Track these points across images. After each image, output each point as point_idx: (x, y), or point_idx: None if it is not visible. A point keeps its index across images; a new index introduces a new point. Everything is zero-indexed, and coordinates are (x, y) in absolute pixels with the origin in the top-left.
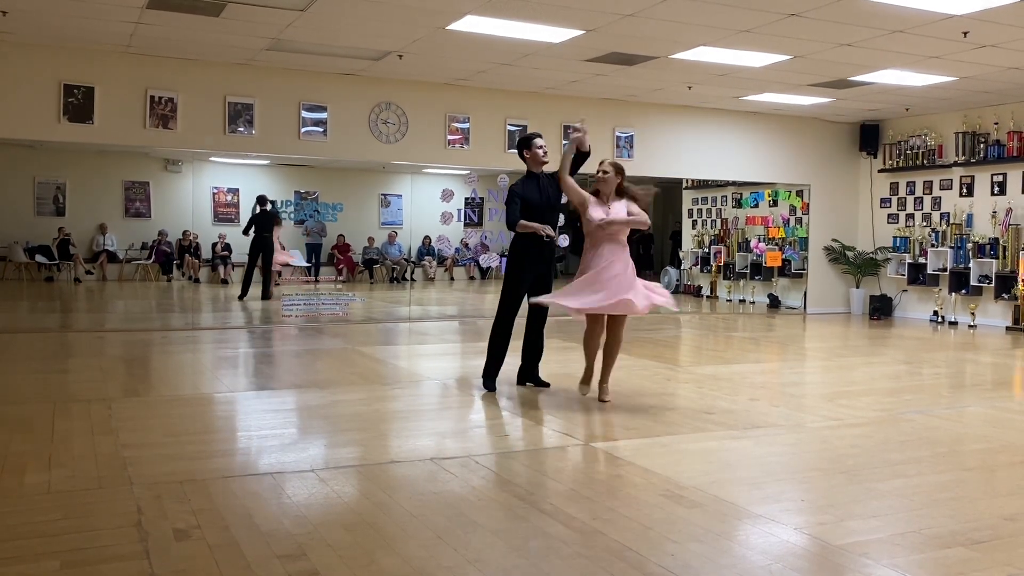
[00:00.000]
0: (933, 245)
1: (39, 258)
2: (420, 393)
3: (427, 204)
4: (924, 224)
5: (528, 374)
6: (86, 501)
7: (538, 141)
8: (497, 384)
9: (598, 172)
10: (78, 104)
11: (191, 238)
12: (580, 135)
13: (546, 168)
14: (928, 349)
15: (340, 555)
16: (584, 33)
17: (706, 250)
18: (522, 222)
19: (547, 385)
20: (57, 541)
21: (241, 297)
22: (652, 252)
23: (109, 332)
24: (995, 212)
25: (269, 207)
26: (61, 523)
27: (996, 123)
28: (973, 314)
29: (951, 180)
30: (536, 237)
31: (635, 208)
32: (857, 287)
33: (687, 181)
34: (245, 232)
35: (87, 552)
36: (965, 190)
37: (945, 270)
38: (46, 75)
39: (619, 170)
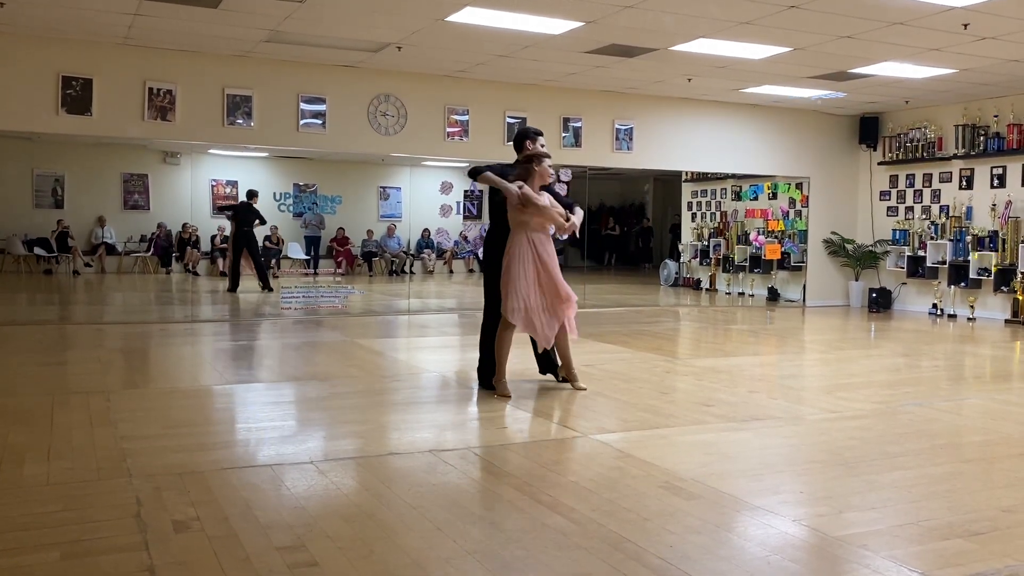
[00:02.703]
0: (932, 238)
1: (38, 251)
2: (419, 385)
3: (426, 197)
4: (923, 217)
5: (549, 363)
6: (85, 493)
7: (541, 140)
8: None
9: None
10: (76, 96)
11: (191, 231)
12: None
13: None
14: (927, 342)
15: (339, 546)
16: (584, 25)
17: (705, 243)
18: (488, 173)
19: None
20: (56, 532)
21: (232, 289)
22: (651, 245)
23: (108, 324)
24: (995, 205)
25: (254, 202)
26: (60, 515)
27: (996, 115)
28: (972, 307)
29: (950, 173)
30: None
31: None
32: (856, 280)
33: (686, 174)
34: (223, 210)
35: (86, 543)
36: (965, 183)
37: (944, 263)
38: (44, 67)
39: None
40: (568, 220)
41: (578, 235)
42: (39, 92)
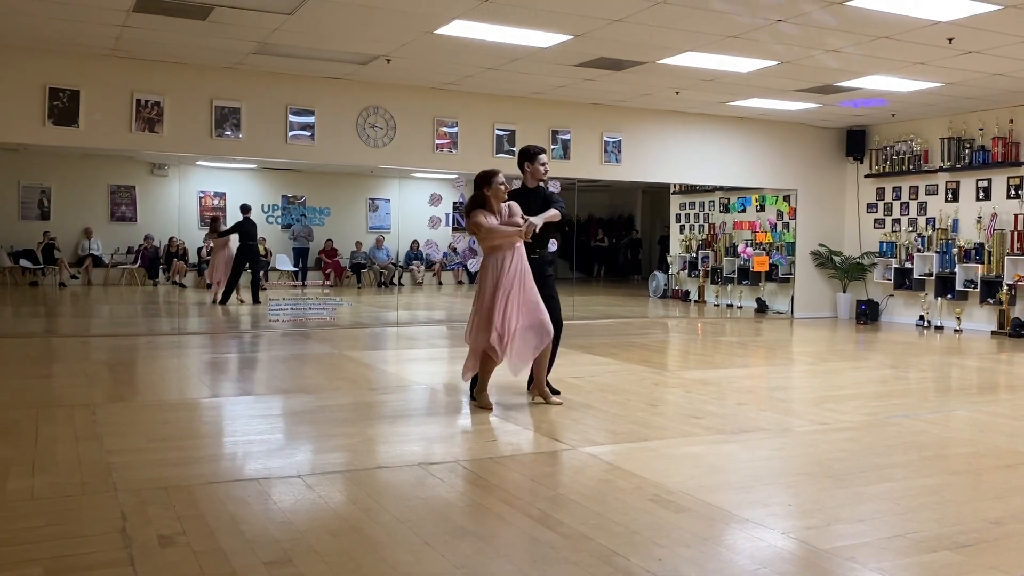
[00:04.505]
0: (919, 250)
1: (24, 262)
2: (407, 398)
3: (415, 208)
4: (910, 229)
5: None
6: (70, 507)
7: (542, 157)
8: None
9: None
10: (63, 108)
11: (178, 244)
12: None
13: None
14: (914, 353)
15: (326, 562)
16: (572, 38)
17: (694, 255)
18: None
19: (556, 393)
20: (40, 548)
21: (223, 302)
22: (640, 257)
23: (94, 337)
24: (980, 217)
25: (251, 215)
26: (44, 530)
27: (981, 129)
28: (959, 318)
29: (937, 185)
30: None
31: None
32: (844, 292)
33: (675, 186)
34: (223, 235)
35: (71, 559)
36: (951, 195)
37: (931, 275)
38: (31, 78)
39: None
40: (525, 223)
41: (538, 230)
42: (26, 104)
